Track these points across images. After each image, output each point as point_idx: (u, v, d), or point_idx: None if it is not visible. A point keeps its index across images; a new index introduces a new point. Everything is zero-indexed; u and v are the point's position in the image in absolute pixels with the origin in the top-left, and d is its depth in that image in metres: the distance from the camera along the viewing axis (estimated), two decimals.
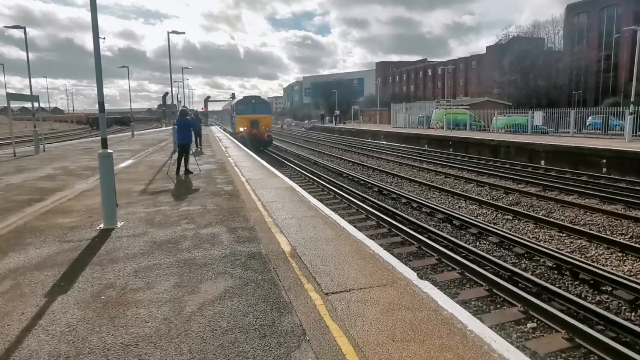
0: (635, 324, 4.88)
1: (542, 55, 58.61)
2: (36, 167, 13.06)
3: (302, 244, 5.09)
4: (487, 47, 71.78)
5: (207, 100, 63.75)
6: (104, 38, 34.15)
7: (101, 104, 6.11)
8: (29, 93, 19.03)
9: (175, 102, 41.91)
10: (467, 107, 40.21)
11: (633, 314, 5.30)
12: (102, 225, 6.01)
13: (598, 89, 58.90)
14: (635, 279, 6.09)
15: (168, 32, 23.51)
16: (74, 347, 2.91)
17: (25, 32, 19.14)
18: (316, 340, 2.98)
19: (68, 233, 5.74)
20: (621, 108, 23.18)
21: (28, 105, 23.69)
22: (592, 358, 4.29)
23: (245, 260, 4.59)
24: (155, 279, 4.12)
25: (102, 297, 3.72)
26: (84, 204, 7.58)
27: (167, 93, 24.91)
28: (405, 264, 4.49)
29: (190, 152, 11.80)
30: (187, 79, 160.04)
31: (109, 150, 6.09)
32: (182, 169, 11.27)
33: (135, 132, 35.30)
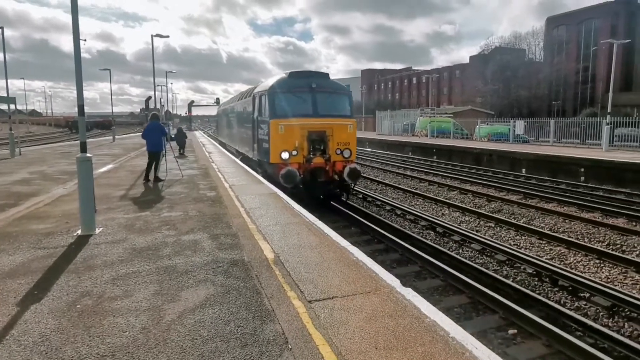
0: (612, 330, 4.99)
1: (523, 65, 60.13)
2: (11, 171, 12.67)
3: (286, 251, 5.04)
4: (471, 57, 73.33)
5: (190, 104, 63.20)
6: (85, 40, 32.98)
7: (81, 107, 5.97)
8: (5, 95, 18.53)
9: (158, 106, 41.46)
10: (451, 115, 40.92)
11: (610, 320, 5.41)
12: (79, 232, 5.84)
13: (576, 100, 60.69)
14: (612, 286, 6.23)
15: (152, 36, 23.34)
16: (46, 358, 2.80)
17: (2, 32, 18.66)
18: (298, 349, 2.94)
19: (43, 239, 5.56)
20: (598, 118, 23.89)
21: (4, 107, 23.05)
22: None
23: (228, 268, 4.52)
24: (134, 286, 4.01)
25: (78, 306, 3.60)
26: (61, 210, 7.37)
27: (150, 97, 24.67)
28: (389, 271, 4.48)
29: (161, 158, 11.49)
30: (171, 83, 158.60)
31: (88, 155, 5.94)
32: (153, 175, 10.93)
33: (116, 136, 34.69)
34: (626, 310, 5.49)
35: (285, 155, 10.35)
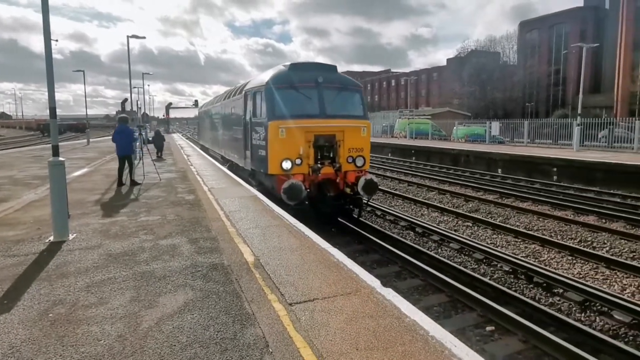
0: (584, 324, 5.15)
1: (498, 68, 61.74)
2: None
3: (266, 253, 5.01)
4: (448, 60, 74.84)
5: (168, 107, 62.16)
6: (57, 40, 31.74)
7: (52, 109, 5.79)
8: None
9: (135, 108, 40.60)
10: (429, 117, 41.56)
11: (583, 314, 5.59)
12: (51, 238, 5.66)
13: (549, 101, 62.66)
14: (584, 281, 6.44)
15: (128, 36, 22.85)
16: None
17: None
18: (279, 352, 2.92)
19: (13, 247, 5.35)
20: (569, 120, 24.71)
21: None
22: (546, 358, 4.47)
23: (207, 272, 4.46)
24: (110, 293, 3.91)
25: (50, 315, 3.48)
26: (32, 216, 7.12)
27: (126, 99, 24.11)
28: (369, 272, 4.51)
29: (138, 162, 11.20)
30: (148, 85, 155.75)
31: (61, 158, 5.76)
32: (128, 179, 10.68)
33: (91, 140, 33.75)
34: (597, 304, 5.68)
35: (287, 164, 8.66)
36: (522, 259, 7.39)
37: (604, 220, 10.25)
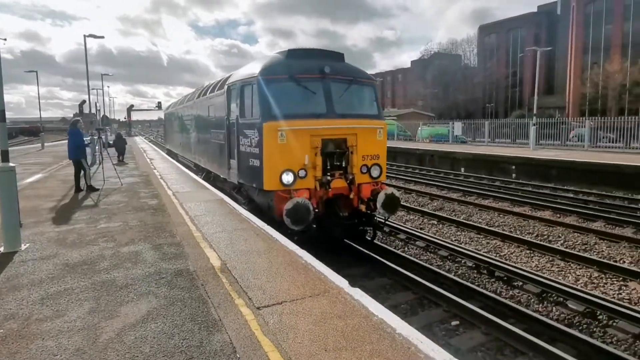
0: (542, 315, 5.41)
1: (459, 70, 63.95)
2: None
3: (233, 257, 4.93)
4: (412, 62, 76.65)
5: (130, 109, 60.06)
6: (5, 39, 29.67)
7: (1, 111, 5.45)
8: None
9: (93, 110, 39.00)
10: (395, 118, 42.38)
11: (540, 305, 5.86)
12: (1, 249, 5.32)
13: (507, 102, 65.50)
14: (541, 274, 6.76)
15: (85, 36, 21.95)
16: None
17: None
18: (247, 357, 2.88)
19: None
20: (526, 120, 25.92)
21: None
22: (507, 349, 4.65)
23: (172, 278, 4.34)
24: (67, 305, 3.72)
25: (1, 330, 3.27)
26: None
27: (84, 101, 23.11)
28: (338, 273, 4.54)
29: (97, 166, 10.80)
30: (108, 86, 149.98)
31: (11, 164, 5.44)
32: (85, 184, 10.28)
33: (46, 144, 32.08)
34: (553, 295, 5.98)
35: (288, 177, 6.95)
36: (485, 254, 7.66)
37: (558, 215, 10.81)
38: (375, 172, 7.73)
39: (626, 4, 48.70)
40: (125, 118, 63.64)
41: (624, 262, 7.44)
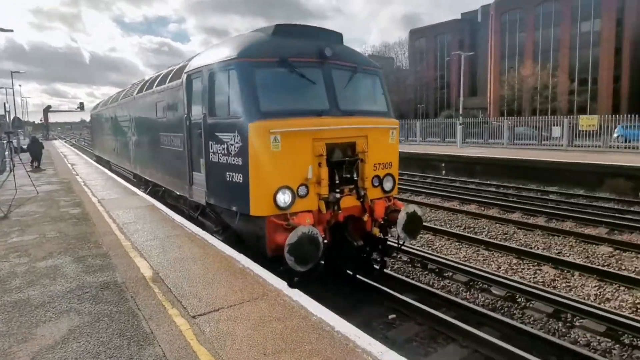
0: (469, 302, 5.80)
1: (392, 72, 66.62)
2: None
3: (166, 266, 4.70)
4: None
5: (47, 110, 54.89)
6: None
7: None
8: None
9: (2, 112, 35.16)
10: None
11: (468, 293, 6.28)
12: None
13: (437, 103, 69.66)
14: (468, 264, 7.25)
15: None
16: None
17: None
18: None
19: None
20: (453, 120, 27.72)
21: None
22: (440, 337, 4.92)
23: (97, 293, 4.02)
24: None
25: None
26: None
27: None
28: (277, 275, 4.50)
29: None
30: (20, 85, 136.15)
31: None
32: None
33: None
34: (479, 283, 6.44)
35: (285, 197, 5.12)
36: (418, 248, 8.05)
37: (482, 208, 11.67)
38: (388, 185, 6.18)
39: (536, 14, 54.04)
40: (41, 120, 58.05)
41: (538, 248, 8.22)
